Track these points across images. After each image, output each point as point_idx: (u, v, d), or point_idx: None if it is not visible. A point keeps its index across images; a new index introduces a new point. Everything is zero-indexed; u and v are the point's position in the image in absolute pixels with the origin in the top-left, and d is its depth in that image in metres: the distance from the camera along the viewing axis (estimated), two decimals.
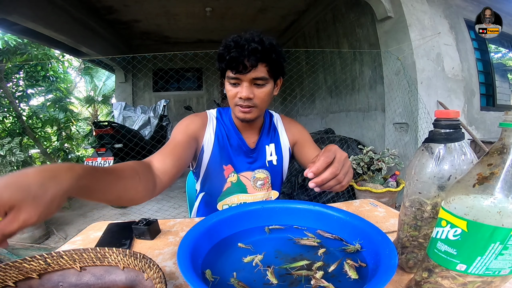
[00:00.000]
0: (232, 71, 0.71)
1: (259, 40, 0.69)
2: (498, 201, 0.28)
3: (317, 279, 0.38)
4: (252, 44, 0.68)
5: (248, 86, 0.72)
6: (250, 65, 0.69)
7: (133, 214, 2.94)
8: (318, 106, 4.65)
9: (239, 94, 0.73)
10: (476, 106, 3.00)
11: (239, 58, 0.68)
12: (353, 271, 0.39)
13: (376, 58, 2.98)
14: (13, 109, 3.98)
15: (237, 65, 0.69)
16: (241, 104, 0.74)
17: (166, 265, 0.49)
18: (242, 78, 0.71)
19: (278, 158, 0.88)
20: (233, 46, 0.69)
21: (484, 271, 0.30)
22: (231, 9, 4.21)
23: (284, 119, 0.95)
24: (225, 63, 0.71)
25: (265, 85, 0.74)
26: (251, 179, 0.86)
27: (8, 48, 3.92)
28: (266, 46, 0.69)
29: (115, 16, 4.33)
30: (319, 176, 0.47)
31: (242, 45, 0.68)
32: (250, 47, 0.67)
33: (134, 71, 5.76)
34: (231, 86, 0.75)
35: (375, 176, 2.40)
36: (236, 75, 0.71)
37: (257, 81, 0.72)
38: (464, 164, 0.37)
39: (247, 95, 0.72)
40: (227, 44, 0.71)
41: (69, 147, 5.00)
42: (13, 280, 0.37)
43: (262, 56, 0.69)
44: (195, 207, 0.94)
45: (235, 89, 0.74)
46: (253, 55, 0.68)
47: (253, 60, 0.68)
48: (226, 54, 0.70)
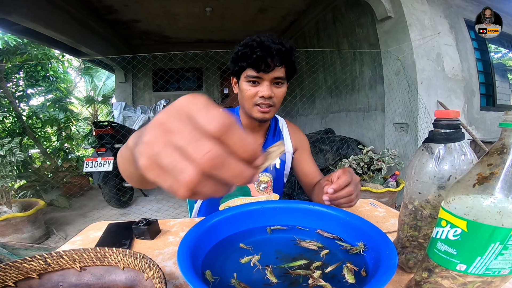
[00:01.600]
0: (255, 70, 0.72)
1: (280, 42, 0.73)
2: (498, 201, 0.28)
3: (315, 279, 0.38)
4: (276, 45, 0.71)
5: (268, 85, 0.74)
6: (274, 65, 0.72)
7: (133, 214, 2.94)
8: (318, 106, 4.65)
9: (261, 92, 0.75)
10: (476, 106, 3.00)
11: (265, 57, 0.70)
12: (350, 275, 0.38)
13: (376, 58, 2.98)
14: (13, 109, 3.98)
15: (262, 63, 0.71)
16: (262, 103, 0.76)
17: (166, 265, 0.49)
18: (264, 77, 0.73)
19: (281, 162, 0.89)
20: (256, 45, 0.71)
21: (484, 271, 0.30)
22: (231, 9, 4.21)
23: (290, 125, 0.96)
24: (249, 61, 0.72)
25: (283, 85, 0.77)
26: (255, 182, 0.86)
27: (8, 48, 3.92)
28: (288, 48, 0.73)
29: (115, 16, 4.33)
30: (337, 193, 0.53)
31: (268, 45, 0.71)
32: (275, 47, 0.71)
33: (134, 71, 5.76)
34: (250, 85, 0.76)
35: (375, 176, 2.40)
36: (259, 74, 0.73)
37: (277, 80, 0.75)
38: (464, 164, 0.37)
39: (270, 93, 0.74)
40: (249, 44, 0.73)
41: (69, 147, 5.00)
42: (13, 280, 0.37)
43: (284, 57, 0.72)
44: (195, 208, 0.94)
45: (254, 88, 0.76)
46: (277, 55, 0.71)
47: (278, 60, 0.71)
48: (249, 53, 0.72)
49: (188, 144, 0.18)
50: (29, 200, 2.49)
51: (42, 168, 3.88)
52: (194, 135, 0.18)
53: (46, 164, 4.11)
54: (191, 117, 0.19)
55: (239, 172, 0.19)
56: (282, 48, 0.71)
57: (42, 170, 3.71)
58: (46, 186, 3.19)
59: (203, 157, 0.18)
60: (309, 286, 0.37)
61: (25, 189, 2.90)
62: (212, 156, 0.18)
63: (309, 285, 0.37)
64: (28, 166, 3.37)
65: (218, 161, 0.18)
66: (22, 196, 2.70)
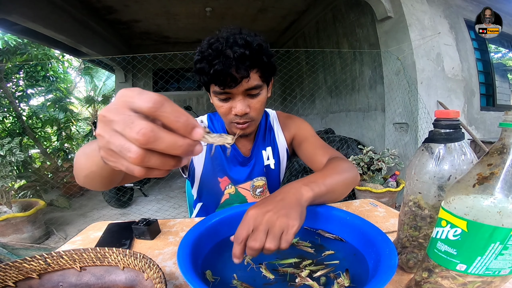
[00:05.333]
0: (220, 87, 0.59)
1: (244, 43, 0.56)
2: (498, 201, 0.28)
3: (302, 277, 0.38)
4: (237, 49, 0.55)
5: (242, 100, 0.61)
6: (241, 76, 0.57)
7: (133, 214, 2.94)
8: (318, 106, 4.66)
9: (234, 110, 0.62)
10: (476, 106, 3.00)
11: (225, 70, 0.56)
12: (346, 279, 0.38)
13: (376, 58, 2.98)
14: (13, 109, 3.98)
15: (224, 78, 0.57)
16: (238, 121, 0.64)
17: (166, 265, 0.49)
18: (233, 92, 0.60)
19: (275, 161, 0.82)
20: (214, 56, 0.56)
21: (484, 271, 0.30)
22: (231, 9, 4.20)
23: (281, 116, 0.86)
24: (209, 77, 0.59)
25: (260, 93, 0.64)
26: (250, 189, 0.81)
27: (8, 48, 3.92)
28: (255, 49, 0.57)
29: (115, 16, 4.33)
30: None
31: (227, 54, 0.55)
32: (236, 55, 0.55)
33: (134, 71, 5.76)
34: (220, 101, 0.64)
35: (375, 176, 2.40)
36: (225, 90, 0.60)
37: (251, 91, 0.61)
38: (464, 164, 0.37)
39: (243, 110, 0.61)
40: (205, 55, 0.58)
41: (69, 147, 5.00)
42: (13, 280, 0.37)
43: (252, 62, 0.57)
44: (193, 214, 0.91)
45: (226, 105, 0.63)
46: (241, 63, 0.56)
47: (243, 70, 0.56)
48: (207, 68, 0.58)
49: (125, 127, 0.21)
50: (29, 200, 2.49)
51: (42, 168, 3.88)
52: (129, 118, 0.21)
53: (46, 164, 4.11)
54: (127, 104, 0.22)
55: (173, 142, 0.22)
56: (246, 51, 0.55)
57: (42, 170, 3.71)
58: (46, 186, 3.19)
59: (137, 134, 0.20)
60: (295, 285, 0.37)
61: (25, 189, 2.90)
62: (144, 131, 0.20)
63: (296, 283, 0.37)
64: (28, 166, 3.36)
65: (150, 135, 0.21)
66: (22, 196, 2.70)
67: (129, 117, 0.21)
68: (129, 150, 0.21)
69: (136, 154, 0.21)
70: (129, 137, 0.21)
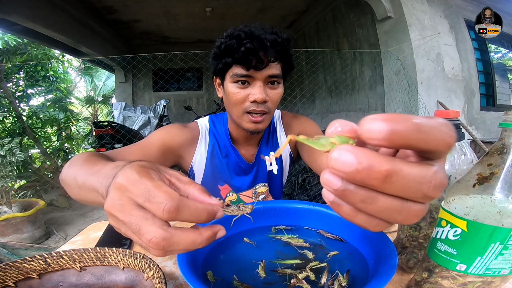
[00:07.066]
0: (245, 67, 0.57)
1: (275, 32, 0.58)
2: (498, 201, 0.28)
3: (298, 279, 0.38)
4: (270, 35, 0.56)
5: (262, 86, 0.59)
6: (268, 60, 0.57)
7: None
8: (318, 106, 4.66)
9: (252, 96, 0.59)
10: (476, 106, 3.00)
11: (256, 50, 0.55)
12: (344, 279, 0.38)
13: (376, 58, 2.98)
14: (13, 109, 3.98)
15: (252, 59, 0.56)
16: (255, 110, 0.60)
17: (166, 265, 0.49)
18: (256, 76, 0.58)
19: (278, 167, 0.78)
20: (245, 36, 0.56)
21: (484, 271, 0.30)
22: (231, 9, 4.21)
23: (285, 117, 0.82)
24: (235, 56, 0.57)
25: (279, 86, 0.63)
26: (253, 196, 0.78)
27: (8, 48, 3.92)
28: (284, 39, 0.58)
29: (115, 16, 4.33)
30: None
31: (259, 35, 0.55)
32: (270, 38, 0.56)
33: (134, 71, 5.76)
34: (238, 87, 0.60)
35: None
36: (249, 72, 0.58)
37: (273, 78, 0.60)
38: (464, 164, 0.37)
39: (263, 97, 0.58)
40: (235, 35, 0.57)
41: (69, 147, 5.00)
42: (13, 280, 0.37)
43: (280, 50, 0.58)
44: None
45: (244, 91, 0.60)
46: (272, 47, 0.56)
47: (272, 54, 0.57)
48: (236, 46, 0.56)
49: (137, 232, 0.22)
50: (29, 200, 2.49)
51: (42, 168, 3.88)
52: (140, 222, 0.22)
53: (46, 164, 4.11)
54: (134, 202, 0.23)
55: (191, 242, 0.24)
56: (277, 38, 0.57)
57: (42, 170, 3.71)
58: (46, 186, 3.19)
59: (149, 242, 0.22)
60: (289, 286, 0.37)
61: (25, 189, 2.90)
62: (155, 240, 0.22)
63: (290, 284, 0.37)
64: (28, 166, 3.36)
65: (163, 244, 0.22)
66: (22, 196, 2.70)
67: (140, 220, 0.22)
68: (147, 250, 0.23)
69: (154, 252, 0.23)
70: (144, 241, 0.22)
